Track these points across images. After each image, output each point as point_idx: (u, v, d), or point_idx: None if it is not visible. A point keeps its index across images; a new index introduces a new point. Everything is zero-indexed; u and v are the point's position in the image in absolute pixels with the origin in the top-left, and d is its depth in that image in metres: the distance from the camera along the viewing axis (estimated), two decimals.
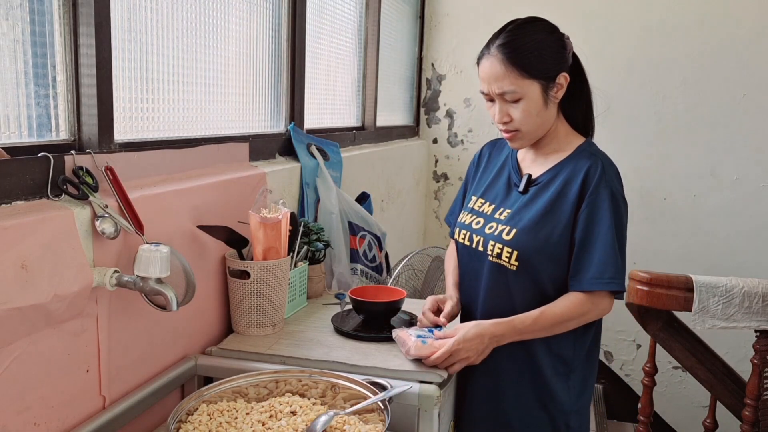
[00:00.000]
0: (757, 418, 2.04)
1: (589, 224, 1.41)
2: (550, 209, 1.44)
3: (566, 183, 1.44)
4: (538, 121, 1.44)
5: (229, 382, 1.22)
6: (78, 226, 1.05)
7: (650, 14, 3.28)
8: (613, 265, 1.39)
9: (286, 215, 1.53)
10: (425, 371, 1.35)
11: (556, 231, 1.42)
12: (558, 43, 1.44)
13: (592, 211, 1.41)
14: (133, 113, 1.33)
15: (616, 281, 1.39)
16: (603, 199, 1.40)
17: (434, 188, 3.73)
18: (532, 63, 1.39)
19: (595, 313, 1.44)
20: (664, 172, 3.36)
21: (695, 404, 3.38)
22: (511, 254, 1.45)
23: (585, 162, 1.44)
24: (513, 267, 1.45)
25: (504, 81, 1.40)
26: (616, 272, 1.40)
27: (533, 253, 1.43)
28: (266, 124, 1.94)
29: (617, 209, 1.41)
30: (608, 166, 1.44)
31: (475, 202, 1.59)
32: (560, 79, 1.43)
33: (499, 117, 1.45)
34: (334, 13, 2.44)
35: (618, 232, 1.41)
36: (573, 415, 1.50)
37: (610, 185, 1.41)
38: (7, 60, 1.04)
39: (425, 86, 3.68)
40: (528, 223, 1.44)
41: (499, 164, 1.60)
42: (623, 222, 1.44)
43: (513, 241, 1.45)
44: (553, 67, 1.42)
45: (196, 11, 1.52)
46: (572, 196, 1.43)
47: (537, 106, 1.42)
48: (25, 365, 0.98)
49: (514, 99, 1.41)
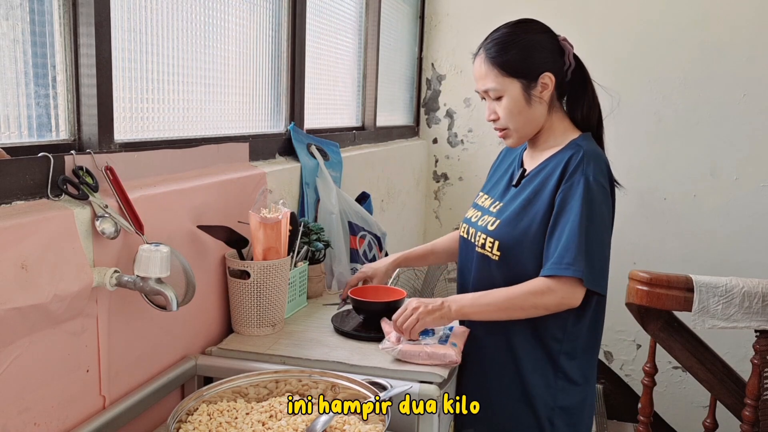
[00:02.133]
0: (757, 418, 2.04)
1: (560, 211, 1.40)
2: (531, 199, 1.46)
3: (549, 174, 1.46)
4: (522, 119, 1.47)
5: (229, 382, 1.22)
6: (78, 226, 1.05)
7: (650, 14, 3.28)
8: (576, 252, 1.35)
9: (286, 215, 1.53)
10: (425, 371, 1.35)
11: (536, 221, 1.44)
12: (547, 44, 1.46)
13: (564, 198, 1.41)
14: (133, 113, 1.33)
15: (574, 267, 1.35)
16: (577, 186, 1.39)
17: (434, 188, 3.73)
18: (511, 62, 1.44)
19: (554, 299, 1.38)
20: (664, 172, 3.36)
21: (695, 404, 3.38)
22: (494, 244, 1.48)
23: (569, 152, 1.45)
24: (495, 257, 1.48)
25: (486, 79, 1.47)
26: (576, 258, 1.35)
27: (513, 243, 1.46)
28: (266, 124, 1.94)
29: (590, 197, 1.38)
30: (590, 156, 1.42)
31: (480, 198, 1.65)
32: (544, 79, 1.45)
33: (487, 115, 1.52)
34: (334, 13, 2.44)
35: (588, 219, 1.37)
36: (558, 412, 1.48)
37: (586, 173, 1.39)
38: (7, 60, 1.04)
39: (425, 86, 3.68)
40: (510, 214, 1.48)
41: (508, 163, 1.65)
42: (597, 210, 1.39)
43: (495, 231, 1.48)
44: (537, 67, 1.44)
45: (196, 11, 1.52)
46: (551, 186, 1.44)
47: (518, 104, 1.46)
48: (25, 365, 0.98)
49: (497, 96, 1.47)
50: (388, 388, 1.21)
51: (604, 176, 1.43)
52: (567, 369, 1.48)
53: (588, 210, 1.38)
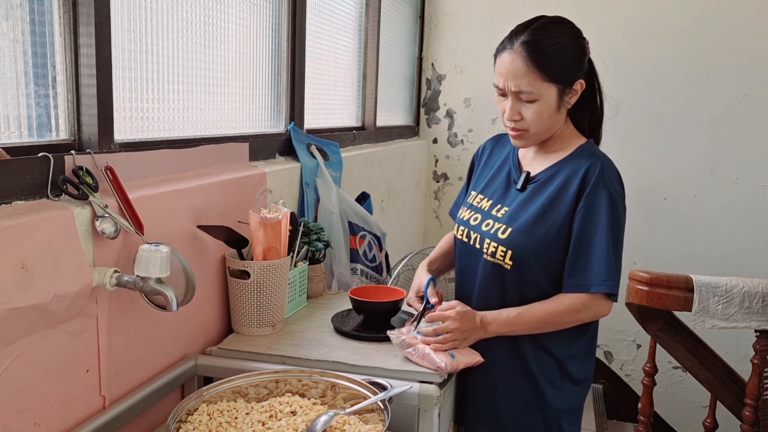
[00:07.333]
0: (757, 418, 2.04)
1: (586, 225, 1.40)
2: (547, 209, 1.43)
3: (564, 183, 1.43)
4: (548, 123, 1.43)
5: (229, 382, 1.22)
6: (78, 226, 1.05)
7: (650, 14, 3.28)
8: (607, 267, 1.38)
9: (286, 215, 1.53)
10: (425, 371, 1.35)
11: (552, 231, 1.42)
12: (580, 49, 1.42)
13: (589, 211, 1.40)
14: (133, 113, 1.33)
15: (608, 283, 1.39)
16: (600, 199, 1.39)
17: (434, 188, 3.73)
18: (554, 66, 1.37)
19: (589, 314, 1.43)
20: (664, 172, 3.35)
21: (695, 404, 3.38)
22: (506, 253, 1.45)
23: (585, 162, 1.43)
24: (508, 266, 1.45)
25: (523, 80, 1.37)
26: (610, 274, 1.39)
27: (528, 252, 1.43)
28: (266, 124, 1.94)
29: (615, 211, 1.40)
30: (608, 168, 1.43)
31: (474, 198, 1.59)
32: (576, 86, 1.42)
33: (509, 114, 1.42)
34: (334, 13, 2.44)
35: (614, 234, 1.40)
36: (566, 415, 1.50)
37: (608, 186, 1.40)
38: (7, 60, 1.04)
39: (425, 86, 3.68)
40: (524, 222, 1.44)
41: (500, 160, 1.60)
42: (620, 224, 1.42)
43: (508, 240, 1.45)
44: (572, 72, 1.41)
45: (196, 11, 1.52)
46: (570, 196, 1.42)
47: (550, 110, 1.41)
48: (25, 365, 0.98)
49: (530, 99, 1.39)
50: (388, 388, 1.21)
51: (621, 187, 1.45)
52: (571, 370, 1.49)
53: (613, 224, 1.39)
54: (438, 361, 1.34)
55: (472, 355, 1.43)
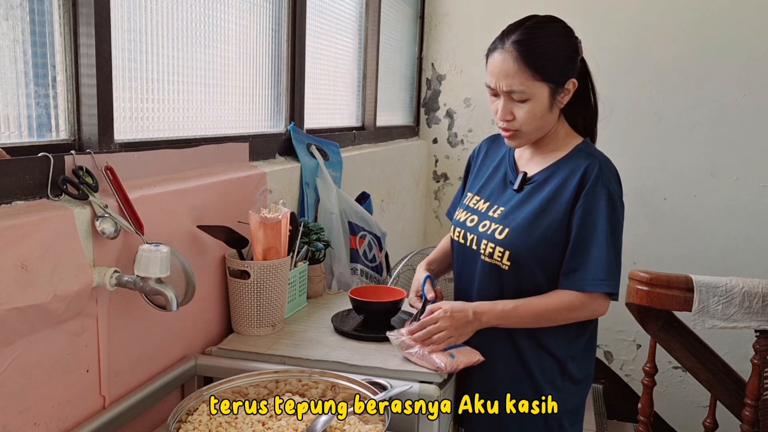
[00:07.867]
0: (757, 418, 2.04)
1: (584, 224, 1.40)
2: (545, 208, 1.43)
3: (562, 182, 1.43)
4: (540, 123, 1.43)
5: (229, 382, 1.22)
6: (78, 226, 1.05)
7: (650, 13, 3.28)
8: (604, 267, 1.38)
9: (286, 215, 1.53)
10: (425, 371, 1.35)
11: (550, 230, 1.42)
12: (572, 48, 1.42)
13: (587, 210, 1.40)
14: (133, 113, 1.33)
15: (607, 282, 1.39)
16: (599, 199, 1.39)
17: (434, 188, 3.73)
18: (546, 65, 1.37)
19: (586, 313, 1.43)
20: (664, 172, 3.36)
21: (695, 404, 3.38)
22: (503, 254, 1.45)
23: (583, 162, 1.43)
24: (505, 266, 1.45)
25: (514, 79, 1.37)
26: (609, 274, 1.39)
27: (526, 253, 1.43)
28: (266, 124, 1.94)
29: (613, 210, 1.40)
30: (606, 167, 1.43)
31: (470, 199, 1.59)
32: (569, 85, 1.42)
33: (501, 114, 1.42)
34: (334, 13, 2.44)
35: (613, 233, 1.40)
36: (567, 415, 1.50)
37: (606, 185, 1.40)
38: (7, 60, 1.04)
39: (425, 86, 3.68)
40: (521, 222, 1.44)
41: (496, 161, 1.60)
42: (619, 223, 1.42)
43: (505, 240, 1.44)
44: (565, 71, 1.41)
45: (196, 11, 1.52)
46: (568, 195, 1.42)
47: (542, 109, 1.41)
48: (25, 365, 0.98)
49: (522, 99, 1.39)
50: (388, 388, 1.21)
51: (619, 186, 1.45)
52: (571, 370, 1.49)
53: (612, 223, 1.39)
54: (438, 361, 1.34)
55: (472, 354, 1.43)
